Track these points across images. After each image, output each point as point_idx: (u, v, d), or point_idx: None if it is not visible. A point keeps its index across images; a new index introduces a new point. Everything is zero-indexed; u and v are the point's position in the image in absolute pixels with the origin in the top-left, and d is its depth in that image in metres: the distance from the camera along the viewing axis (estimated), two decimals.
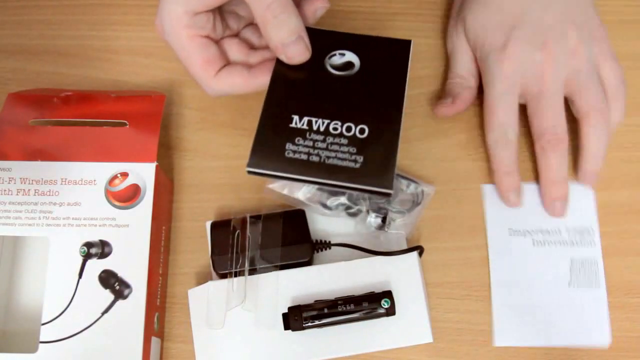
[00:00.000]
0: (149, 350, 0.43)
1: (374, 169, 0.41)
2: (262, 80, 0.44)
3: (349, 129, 0.42)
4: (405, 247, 0.47)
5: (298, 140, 0.41)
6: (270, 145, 0.41)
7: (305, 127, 0.42)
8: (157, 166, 0.46)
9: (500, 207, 0.49)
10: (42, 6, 0.56)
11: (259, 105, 0.52)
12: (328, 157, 0.41)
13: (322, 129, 0.42)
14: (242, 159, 0.51)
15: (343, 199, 0.48)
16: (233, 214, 0.49)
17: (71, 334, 0.42)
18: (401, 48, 0.45)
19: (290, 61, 0.43)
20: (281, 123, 0.42)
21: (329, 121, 0.42)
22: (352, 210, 0.48)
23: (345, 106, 0.43)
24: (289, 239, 0.46)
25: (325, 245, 0.47)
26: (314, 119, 0.42)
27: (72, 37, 0.55)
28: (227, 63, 0.45)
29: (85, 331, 0.42)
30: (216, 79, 0.44)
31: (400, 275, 0.45)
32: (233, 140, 0.52)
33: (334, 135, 0.42)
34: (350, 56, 0.45)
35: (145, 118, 0.47)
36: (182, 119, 0.52)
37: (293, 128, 0.42)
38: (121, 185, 0.45)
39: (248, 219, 0.47)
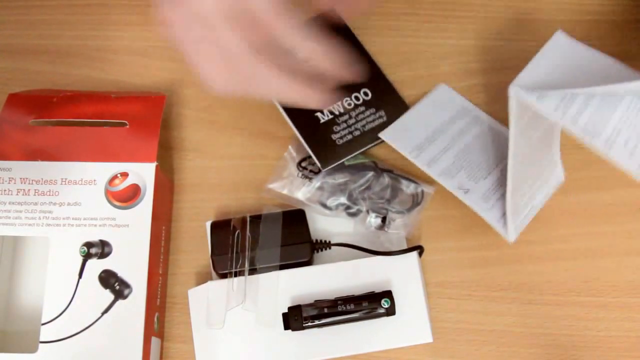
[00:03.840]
0: (149, 350, 0.43)
1: (396, 113, 0.49)
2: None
3: (357, 98, 0.49)
4: (405, 247, 0.47)
5: (335, 128, 0.49)
6: (323, 144, 0.48)
7: (330, 116, 0.49)
8: (157, 166, 0.46)
9: None
10: (42, 6, 0.55)
11: (258, 105, 0.53)
12: (364, 126, 0.49)
13: (341, 109, 0.49)
14: (242, 158, 0.51)
15: (343, 199, 0.48)
16: (233, 214, 0.49)
17: (71, 334, 0.42)
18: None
19: None
20: (314, 125, 0.49)
21: (340, 101, 0.49)
22: (352, 210, 0.48)
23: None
24: (289, 239, 0.46)
25: (325, 245, 0.47)
26: (330, 107, 0.49)
27: (72, 37, 0.55)
28: None
29: (85, 331, 0.42)
30: None
31: (400, 275, 0.45)
32: (233, 140, 0.52)
33: (353, 108, 0.49)
34: None
35: (145, 118, 0.47)
36: (182, 119, 0.52)
37: (325, 122, 0.49)
38: (121, 185, 0.45)
39: (248, 219, 0.47)
